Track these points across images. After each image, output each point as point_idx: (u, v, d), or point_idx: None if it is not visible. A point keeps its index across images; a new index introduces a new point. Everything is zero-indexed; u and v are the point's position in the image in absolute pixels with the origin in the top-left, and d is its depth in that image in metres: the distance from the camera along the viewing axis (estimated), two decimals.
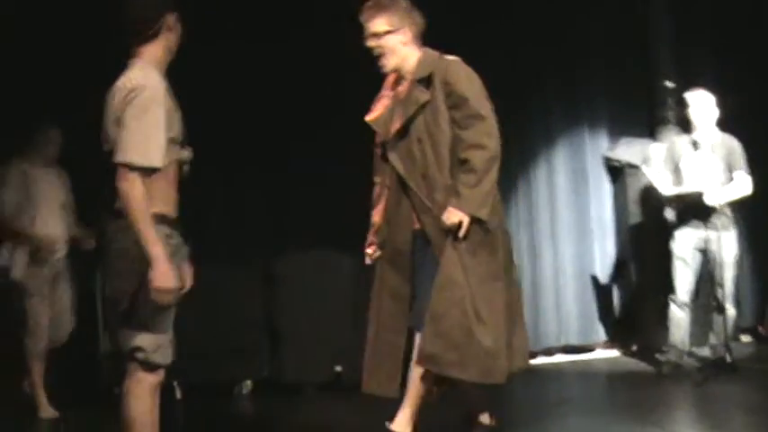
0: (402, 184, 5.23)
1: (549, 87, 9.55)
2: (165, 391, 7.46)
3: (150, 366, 4.22)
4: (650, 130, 9.46)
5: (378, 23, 5.16)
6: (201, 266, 7.53)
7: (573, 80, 9.58)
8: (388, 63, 5.21)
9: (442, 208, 5.06)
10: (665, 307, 8.01)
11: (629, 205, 9.47)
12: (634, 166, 9.35)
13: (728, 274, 7.79)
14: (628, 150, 9.49)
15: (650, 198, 9.03)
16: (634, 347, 9.44)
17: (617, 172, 9.64)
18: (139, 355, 4.18)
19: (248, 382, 8.07)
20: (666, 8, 9.44)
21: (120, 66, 4.31)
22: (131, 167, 4.04)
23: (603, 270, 9.64)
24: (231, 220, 8.85)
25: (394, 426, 5.20)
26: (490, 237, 5.12)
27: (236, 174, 8.81)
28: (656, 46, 9.47)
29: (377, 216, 5.45)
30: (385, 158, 5.35)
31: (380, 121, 5.31)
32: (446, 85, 5.07)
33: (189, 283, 4.46)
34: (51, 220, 7.26)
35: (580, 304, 9.53)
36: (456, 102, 5.05)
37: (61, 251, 7.32)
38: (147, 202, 4.07)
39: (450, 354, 4.99)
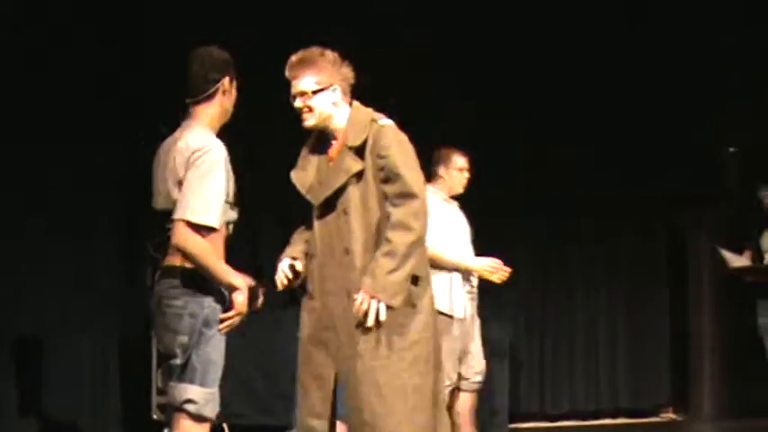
0: (327, 257, 4.76)
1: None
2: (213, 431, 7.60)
3: (200, 419, 4.36)
4: None
5: (305, 82, 4.72)
6: (264, 309, 7.73)
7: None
8: (309, 122, 4.75)
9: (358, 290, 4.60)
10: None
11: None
12: None
13: None
14: None
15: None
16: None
17: None
18: (191, 408, 4.33)
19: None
20: None
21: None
22: (191, 226, 4.26)
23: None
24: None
25: None
26: (416, 316, 4.66)
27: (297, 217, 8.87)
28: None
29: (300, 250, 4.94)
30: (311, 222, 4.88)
31: (307, 182, 4.83)
32: (379, 157, 4.64)
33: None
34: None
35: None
36: (389, 176, 4.61)
37: None
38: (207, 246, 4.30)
39: None
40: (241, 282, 4.39)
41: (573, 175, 9.19)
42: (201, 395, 4.33)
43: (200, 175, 4.28)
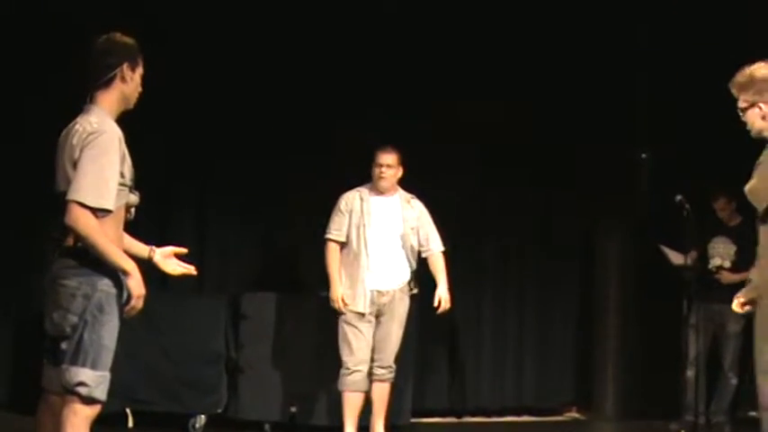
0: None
1: None
2: (117, 417, 7.57)
3: (91, 401, 4.43)
4: None
5: (741, 99, 5.02)
6: (168, 294, 7.72)
7: None
8: (752, 129, 5.03)
9: None
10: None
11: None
12: None
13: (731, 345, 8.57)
14: None
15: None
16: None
17: None
18: (83, 390, 4.40)
19: (202, 417, 8.00)
20: None
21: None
22: (85, 207, 4.34)
23: None
24: (203, 252, 8.82)
25: None
26: None
27: (210, 207, 8.90)
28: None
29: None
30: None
31: (755, 191, 4.98)
32: None
33: None
34: None
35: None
36: None
37: None
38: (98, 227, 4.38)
39: None
40: (131, 265, 4.47)
41: (480, 175, 9.28)
42: (93, 378, 4.40)
43: (92, 157, 4.38)
